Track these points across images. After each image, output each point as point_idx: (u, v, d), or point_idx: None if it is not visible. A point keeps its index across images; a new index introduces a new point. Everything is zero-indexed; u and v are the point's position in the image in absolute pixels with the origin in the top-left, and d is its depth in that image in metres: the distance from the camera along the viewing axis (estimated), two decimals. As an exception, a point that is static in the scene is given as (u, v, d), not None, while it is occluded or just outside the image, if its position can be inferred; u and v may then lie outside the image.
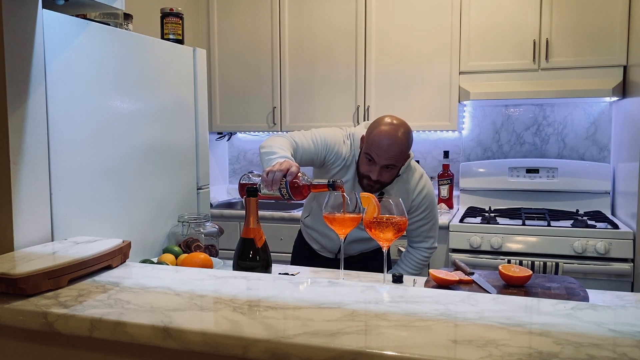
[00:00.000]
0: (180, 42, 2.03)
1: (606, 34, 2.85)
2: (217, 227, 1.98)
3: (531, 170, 3.22)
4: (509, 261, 2.69)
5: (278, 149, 1.71)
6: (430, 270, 1.55)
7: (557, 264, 2.63)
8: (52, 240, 1.47)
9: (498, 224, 2.80)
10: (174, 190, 2.00)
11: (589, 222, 2.74)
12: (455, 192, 3.39)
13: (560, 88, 2.87)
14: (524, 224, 2.75)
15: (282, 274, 1.71)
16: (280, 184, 1.53)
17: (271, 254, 1.46)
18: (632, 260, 2.58)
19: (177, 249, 1.77)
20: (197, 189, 2.13)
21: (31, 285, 1.12)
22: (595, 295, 1.52)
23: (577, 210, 3.08)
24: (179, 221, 1.94)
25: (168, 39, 2.00)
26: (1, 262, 1.20)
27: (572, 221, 2.78)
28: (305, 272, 1.82)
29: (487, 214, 2.99)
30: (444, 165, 3.34)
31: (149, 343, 0.98)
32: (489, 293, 1.32)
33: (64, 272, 1.19)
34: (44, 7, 1.43)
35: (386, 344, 0.88)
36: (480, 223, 2.83)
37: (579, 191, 3.15)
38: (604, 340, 0.88)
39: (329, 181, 1.53)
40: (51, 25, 1.46)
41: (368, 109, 3.27)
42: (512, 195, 3.27)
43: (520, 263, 2.67)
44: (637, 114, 2.63)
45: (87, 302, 1.09)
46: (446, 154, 3.37)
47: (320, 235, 2.05)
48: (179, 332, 0.95)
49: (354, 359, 0.85)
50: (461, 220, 2.87)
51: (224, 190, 3.94)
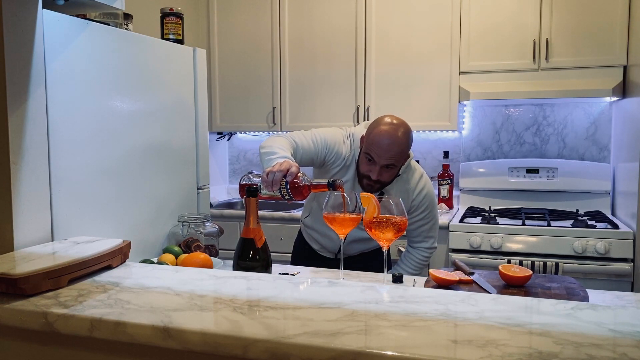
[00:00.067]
0: (180, 42, 2.03)
1: (606, 34, 2.85)
2: (217, 227, 1.98)
3: (531, 170, 3.22)
4: (509, 261, 2.69)
5: (278, 149, 1.71)
6: (430, 270, 1.55)
7: (557, 264, 2.64)
8: (52, 240, 1.47)
9: (498, 224, 2.80)
10: (174, 190, 2.00)
11: (589, 222, 2.74)
12: (455, 192, 3.39)
13: (560, 88, 2.87)
14: (524, 224, 2.75)
15: (282, 274, 1.71)
16: (281, 185, 1.53)
17: (271, 254, 1.46)
18: (632, 260, 2.58)
19: (177, 249, 1.77)
20: (197, 189, 2.13)
21: (31, 285, 1.12)
22: (595, 295, 1.52)
23: (577, 210, 3.08)
24: (179, 221, 1.94)
25: (168, 39, 2.00)
26: (1, 262, 1.20)
27: (572, 221, 2.78)
28: (305, 272, 1.82)
29: (487, 214, 2.99)
30: (444, 165, 3.34)
31: (149, 343, 0.98)
32: (489, 293, 1.32)
33: (64, 272, 1.19)
34: (44, 7, 1.43)
35: (386, 344, 0.88)
36: (480, 223, 2.83)
37: (579, 191, 3.15)
38: (604, 340, 0.88)
39: (329, 181, 1.53)
40: (51, 25, 1.46)
41: (368, 109, 3.27)
42: (512, 195, 3.27)
43: (520, 263, 2.67)
44: (637, 114, 2.63)
45: (87, 302, 1.09)
46: (446, 154, 3.37)
47: (320, 235, 2.05)
48: (179, 332, 0.95)
49: (354, 359, 0.85)
50: (461, 220, 2.87)
51: (224, 190, 3.94)
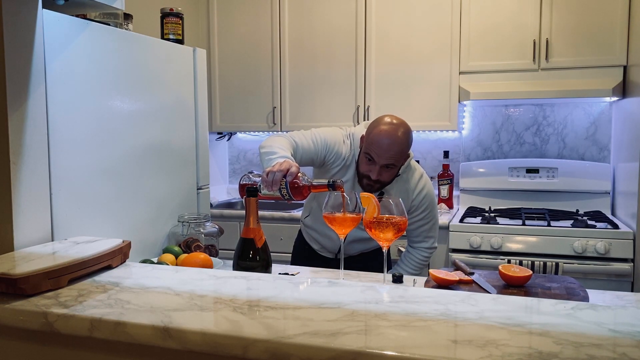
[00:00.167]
0: (180, 42, 2.03)
1: (606, 34, 2.85)
2: (217, 227, 1.98)
3: (531, 170, 3.22)
4: (509, 261, 2.69)
5: (278, 149, 1.71)
6: (430, 270, 1.55)
7: (557, 264, 2.63)
8: (52, 240, 1.47)
9: (498, 224, 2.80)
10: (174, 190, 2.00)
11: (589, 222, 2.74)
12: (455, 192, 3.39)
13: (560, 88, 2.87)
14: (524, 224, 2.75)
15: (282, 274, 1.71)
16: (281, 184, 1.53)
17: (271, 254, 1.46)
18: (632, 260, 2.58)
19: (177, 249, 1.77)
20: (197, 189, 2.13)
21: (31, 285, 1.12)
22: (595, 295, 1.51)
23: (577, 210, 3.08)
24: (179, 221, 1.94)
25: (168, 39, 2.00)
26: (1, 262, 1.20)
27: (572, 221, 2.78)
28: (305, 272, 1.82)
29: (487, 214, 2.99)
30: (444, 165, 3.34)
31: (149, 343, 0.98)
32: (489, 293, 1.32)
33: (64, 272, 1.19)
34: (44, 7, 1.43)
35: (386, 344, 0.88)
36: (480, 223, 2.83)
37: (579, 191, 3.15)
38: (604, 340, 0.88)
39: (329, 181, 1.53)
40: (51, 25, 1.46)
41: (368, 109, 3.27)
42: (512, 195, 3.27)
43: (520, 263, 2.67)
44: (637, 114, 2.63)
45: (87, 302, 1.09)
46: (446, 154, 3.37)
47: (320, 235, 2.05)
48: (179, 332, 0.95)
49: (354, 359, 0.85)
50: (461, 220, 2.87)
51: (224, 190, 3.94)
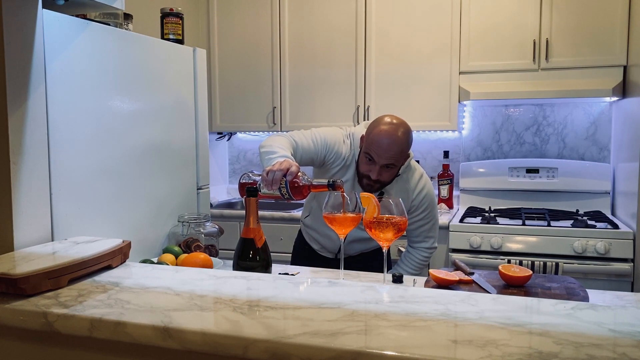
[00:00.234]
0: (180, 42, 2.03)
1: (606, 34, 2.85)
2: (217, 227, 1.98)
3: (531, 170, 3.22)
4: (509, 261, 2.69)
5: (278, 149, 1.71)
6: (430, 270, 1.55)
7: (557, 264, 2.63)
8: (52, 240, 1.47)
9: (498, 224, 2.80)
10: (174, 190, 2.00)
11: (589, 222, 2.74)
12: (455, 192, 3.39)
13: (560, 88, 2.87)
14: (524, 224, 2.75)
15: (282, 274, 1.71)
16: (280, 184, 1.53)
17: (271, 254, 1.46)
18: (632, 260, 2.58)
19: (177, 249, 1.77)
20: (197, 189, 2.13)
21: (31, 285, 1.12)
22: (595, 295, 1.51)
23: (577, 210, 3.08)
24: (179, 221, 1.94)
25: (168, 39, 2.00)
26: (1, 262, 1.20)
27: (572, 221, 2.78)
28: (305, 272, 1.82)
29: (487, 214, 2.99)
30: (444, 165, 3.34)
31: (149, 343, 0.97)
32: (489, 293, 1.32)
33: (64, 272, 1.19)
34: (44, 7, 1.43)
35: (386, 344, 0.88)
36: (480, 223, 2.83)
37: (579, 191, 3.15)
38: (604, 340, 0.88)
39: (329, 181, 1.53)
40: (51, 25, 1.46)
41: (368, 109, 3.27)
42: (512, 195, 3.27)
43: (520, 263, 2.67)
44: (637, 114, 2.63)
45: (87, 302, 1.09)
46: (446, 154, 3.37)
47: (320, 235, 2.05)
48: (179, 332, 0.95)
49: (354, 359, 0.85)
50: (461, 220, 2.87)
51: (224, 190, 3.94)
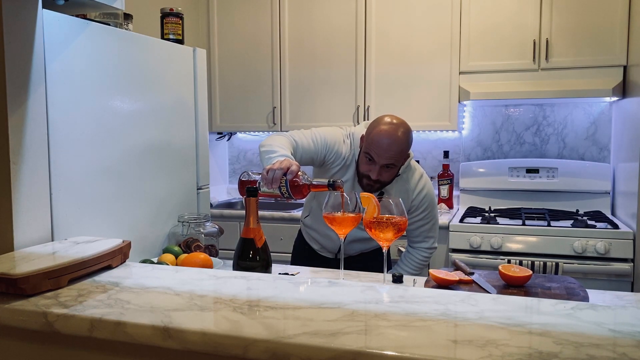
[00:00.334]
0: (180, 42, 2.03)
1: (606, 34, 2.85)
2: (217, 227, 1.98)
3: (531, 170, 3.22)
4: (509, 261, 2.69)
5: (278, 148, 1.71)
6: (430, 270, 1.55)
7: (557, 264, 2.63)
8: (52, 240, 1.47)
9: (498, 224, 2.80)
10: (174, 190, 2.00)
11: (589, 222, 2.74)
12: (455, 192, 3.39)
13: (560, 88, 2.87)
14: (524, 224, 2.75)
15: (282, 274, 1.71)
16: (280, 183, 1.53)
17: (271, 254, 1.46)
18: (632, 260, 2.58)
19: (177, 249, 1.77)
20: (197, 189, 2.13)
21: (31, 285, 1.12)
22: (595, 295, 1.51)
23: (577, 210, 3.08)
24: (179, 221, 1.94)
25: (168, 39, 2.00)
26: (1, 262, 1.20)
27: (572, 221, 2.78)
28: (305, 272, 1.82)
29: (487, 214, 2.99)
30: (444, 165, 3.34)
31: (149, 343, 0.97)
32: (489, 293, 1.32)
33: (64, 272, 1.19)
34: (44, 7, 1.43)
35: (386, 344, 0.88)
36: (480, 223, 2.83)
37: (579, 191, 3.15)
38: (604, 340, 0.88)
39: (329, 181, 1.53)
40: (51, 25, 1.46)
41: (368, 109, 3.27)
42: (512, 195, 3.27)
43: (520, 263, 2.67)
44: (637, 114, 2.63)
45: (87, 302, 1.09)
46: (446, 154, 3.37)
47: (320, 235, 2.05)
48: (179, 332, 0.95)
49: (354, 359, 0.85)
50: (461, 220, 2.87)
51: (224, 190, 3.94)
